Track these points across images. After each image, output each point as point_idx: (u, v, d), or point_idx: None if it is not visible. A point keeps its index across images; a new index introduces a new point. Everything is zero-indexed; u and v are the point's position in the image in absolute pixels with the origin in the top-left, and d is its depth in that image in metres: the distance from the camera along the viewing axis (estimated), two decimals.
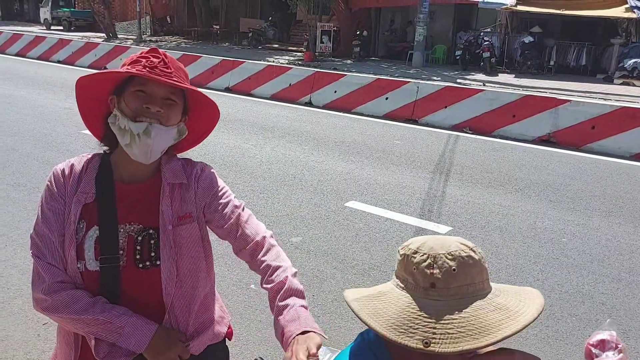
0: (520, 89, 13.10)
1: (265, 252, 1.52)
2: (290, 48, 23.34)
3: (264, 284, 1.48)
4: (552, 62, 17.74)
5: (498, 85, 13.72)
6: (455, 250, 1.01)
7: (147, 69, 1.38)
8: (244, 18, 26.69)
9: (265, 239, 1.55)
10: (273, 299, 1.43)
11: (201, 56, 13.96)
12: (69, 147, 7.12)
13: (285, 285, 1.43)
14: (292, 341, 1.27)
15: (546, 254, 4.51)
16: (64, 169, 1.48)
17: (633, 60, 15.92)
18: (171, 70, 1.41)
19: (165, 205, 1.47)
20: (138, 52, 1.45)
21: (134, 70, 1.37)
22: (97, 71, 1.44)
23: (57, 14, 32.20)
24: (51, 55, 17.33)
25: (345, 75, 11.52)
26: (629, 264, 4.38)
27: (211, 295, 1.64)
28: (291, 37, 25.72)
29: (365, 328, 1.09)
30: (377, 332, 1.00)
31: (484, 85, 13.58)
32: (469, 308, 0.97)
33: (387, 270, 4.06)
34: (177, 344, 1.45)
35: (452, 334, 0.95)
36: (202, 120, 1.58)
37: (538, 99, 9.36)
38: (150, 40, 25.75)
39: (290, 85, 11.73)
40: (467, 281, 0.99)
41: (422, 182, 6.30)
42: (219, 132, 8.20)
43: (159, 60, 1.41)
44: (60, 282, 1.39)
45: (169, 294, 1.46)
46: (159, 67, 1.39)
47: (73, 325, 1.41)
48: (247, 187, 5.81)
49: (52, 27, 31.22)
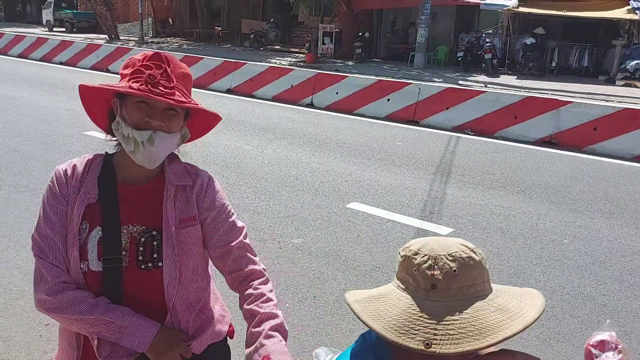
0: (522, 90, 13.10)
1: (263, 283, 1.53)
2: (292, 49, 23.35)
3: (253, 305, 1.46)
4: (553, 64, 17.72)
5: (500, 87, 13.71)
6: (456, 252, 1.01)
7: (149, 85, 1.37)
8: (245, 19, 26.72)
9: (265, 272, 1.57)
10: (262, 321, 1.43)
11: (203, 58, 13.99)
12: (71, 148, 7.14)
13: (279, 321, 1.44)
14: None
15: (548, 256, 4.51)
16: (66, 170, 1.48)
17: (635, 61, 15.90)
18: (173, 83, 1.40)
19: (169, 207, 1.48)
20: (141, 56, 1.43)
21: (135, 87, 1.37)
22: (100, 84, 1.44)
23: (60, 15, 32.32)
24: (53, 56, 17.37)
25: (347, 76, 11.53)
26: (630, 266, 4.37)
27: (212, 294, 1.65)
28: (293, 39, 25.73)
29: (366, 329, 1.10)
30: (378, 333, 1.01)
31: (485, 86, 13.57)
32: (469, 309, 0.97)
33: (389, 272, 4.06)
34: (179, 343, 1.46)
35: (453, 334, 0.95)
36: (203, 123, 1.60)
37: (540, 101, 9.35)
38: (152, 41, 25.79)
39: (292, 86, 11.74)
40: (468, 282, 1.00)
41: (424, 184, 6.30)
42: (221, 134, 8.21)
43: (162, 71, 1.39)
44: (62, 282, 1.40)
45: (171, 295, 1.47)
46: (161, 82, 1.38)
47: (76, 326, 1.41)
48: (248, 189, 5.82)
49: (55, 29, 31.32)
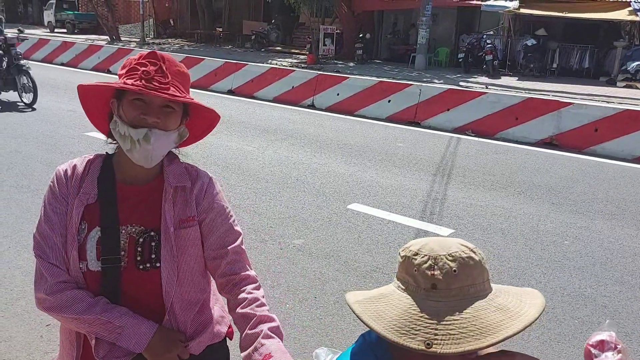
0: (523, 91, 13.09)
1: (256, 288, 1.51)
2: (293, 51, 23.36)
3: (248, 309, 1.44)
4: (554, 65, 17.72)
5: (501, 88, 13.71)
6: (456, 252, 1.01)
7: (143, 80, 1.37)
8: (246, 21, 26.73)
9: (257, 279, 1.55)
10: (259, 322, 1.41)
11: (204, 59, 14.00)
12: (73, 149, 7.15)
13: (276, 324, 1.42)
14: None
15: (548, 257, 4.51)
16: (66, 170, 1.49)
17: (636, 63, 15.88)
18: (168, 79, 1.39)
19: (168, 207, 1.48)
20: (137, 55, 1.44)
21: (129, 83, 1.37)
22: (96, 82, 1.44)
23: (61, 16, 32.35)
24: (55, 57, 17.39)
25: (348, 77, 11.53)
26: (631, 267, 4.37)
27: (212, 295, 1.65)
28: (294, 40, 25.74)
29: (366, 329, 1.10)
30: (379, 334, 1.01)
31: (486, 88, 13.57)
32: (470, 309, 0.98)
33: (389, 272, 4.06)
34: (177, 344, 1.46)
35: (454, 334, 0.95)
36: (202, 122, 1.59)
37: (540, 102, 9.35)
38: (153, 42, 25.81)
39: (293, 87, 11.75)
40: (468, 282, 1.00)
41: (425, 185, 6.30)
42: (222, 135, 8.22)
43: (157, 67, 1.39)
44: (62, 282, 1.41)
45: (169, 295, 1.47)
46: (155, 78, 1.38)
47: (75, 325, 1.43)
48: (249, 190, 5.82)
49: (56, 30, 31.34)
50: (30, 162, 6.50)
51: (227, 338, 1.68)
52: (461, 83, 14.92)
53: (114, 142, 1.51)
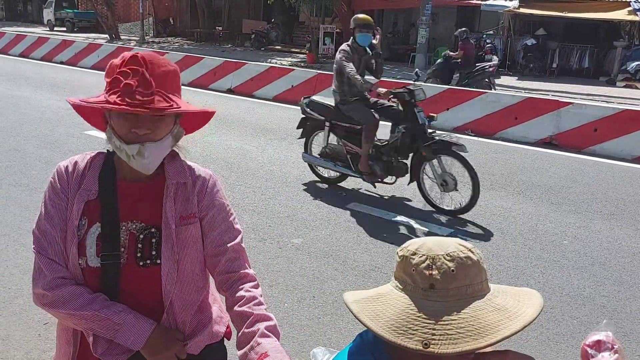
0: (523, 91, 13.10)
1: (254, 287, 1.51)
2: (292, 50, 23.35)
3: (245, 307, 1.44)
4: (554, 65, 17.73)
5: (500, 88, 13.70)
6: (454, 251, 1.01)
7: (126, 97, 1.32)
8: (246, 20, 26.71)
9: (256, 277, 1.55)
10: (256, 321, 1.41)
11: (203, 57, 13.98)
12: (72, 147, 7.14)
13: (273, 323, 1.42)
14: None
15: (547, 257, 4.51)
16: (67, 166, 1.49)
17: (636, 63, 15.90)
18: (151, 88, 1.35)
19: (169, 204, 1.48)
20: (120, 60, 1.38)
21: (112, 101, 1.33)
22: (81, 100, 1.41)
23: (61, 15, 32.34)
24: (54, 56, 17.37)
25: None
26: (630, 267, 4.37)
27: (210, 295, 1.64)
28: (294, 39, 25.74)
29: (364, 329, 1.10)
30: (376, 333, 1.00)
31: None
32: (468, 309, 0.97)
33: (388, 272, 4.06)
34: (175, 342, 1.45)
35: (452, 334, 0.94)
36: (197, 117, 1.57)
37: (540, 102, 9.34)
38: (153, 41, 25.80)
39: (292, 86, 11.73)
40: (466, 282, 1.00)
41: None
42: (221, 134, 8.21)
43: (138, 77, 1.34)
44: (60, 278, 1.40)
45: (168, 293, 1.46)
46: (138, 91, 1.33)
47: (72, 321, 1.42)
48: (248, 188, 5.82)
49: (56, 28, 31.33)
50: (29, 161, 6.50)
51: (224, 338, 1.67)
52: None
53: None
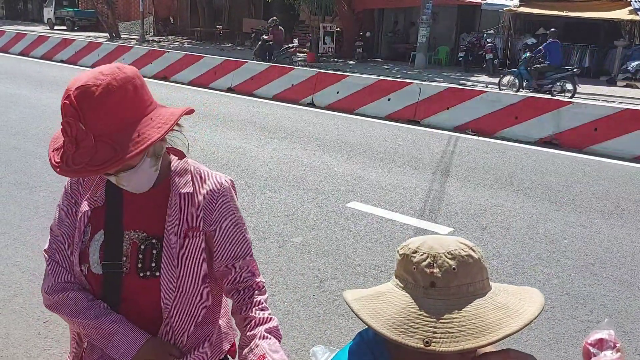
0: (523, 90, 13.07)
1: (261, 293, 1.51)
2: None
3: (249, 312, 1.45)
4: None
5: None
6: (455, 250, 1.01)
7: (69, 159, 1.21)
8: (246, 19, 26.70)
9: (264, 284, 1.55)
10: (258, 324, 1.42)
11: (204, 56, 13.97)
12: None
13: (274, 324, 1.43)
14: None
15: (547, 256, 4.50)
16: None
17: (636, 62, 15.90)
18: (90, 142, 1.18)
19: (171, 216, 1.42)
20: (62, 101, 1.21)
21: (55, 165, 1.23)
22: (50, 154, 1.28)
23: (61, 13, 32.30)
24: (54, 54, 17.35)
25: (348, 76, 11.51)
26: (630, 266, 4.37)
27: (216, 309, 1.59)
28: (294, 38, 25.71)
29: (364, 327, 1.09)
30: (377, 332, 1.00)
31: (486, 86, 13.57)
32: (469, 307, 0.97)
33: (388, 271, 4.06)
34: (167, 357, 1.42)
35: (453, 332, 0.94)
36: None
37: (540, 101, 9.33)
38: (153, 40, 25.78)
39: (292, 85, 11.73)
40: (467, 280, 0.99)
41: (424, 183, 6.30)
42: (221, 133, 8.22)
43: (75, 132, 1.18)
44: (64, 282, 1.41)
45: (167, 305, 1.43)
46: (77, 154, 1.20)
47: (71, 326, 1.45)
48: (248, 187, 5.81)
49: (56, 27, 31.30)
50: (28, 159, 6.49)
51: (228, 356, 1.63)
52: (461, 82, 14.92)
53: None
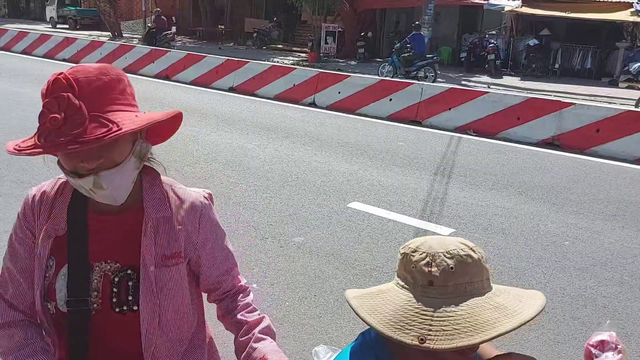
0: (525, 91, 13.08)
1: (246, 295, 1.48)
2: (294, 49, 23.36)
3: (239, 316, 1.43)
4: (557, 65, 17.72)
5: (503, 88, 13.71)
6: (454, 249, 1.02)
7: (53, 134, 1.11)
8: (248, 18, 26.71)
9: (247, 285, 1.51)
10: (250, 328, 1.40)
11: (206, 56, 13.98)
12: None
13: (266, 324, 1.42)
14: None
15: (549, 257, 4.50)
16: (34, 195, 1.34)
17: (638, 64, 15.85)
18: (83, 116, 1.11)
19: (147, 243, 1.28)
20: (46, 83, 1.16)
21: (40, 144, 1.14)
22: (14, 147, 1.23)
23: (63, 12, 32.36)
24: (57, 53, 17.37)
25: (349, 76, 11.51)
26: (631, 268, 4.36)
27: (201, 329, 1.48)
28: (296, 38, 25.73)
29: (366, 327, 1.10)
30: (373, 328, 1.01)
31: (488, 87, 13.57)
32: (465, 306, 0.98)
33: (389, 271, 4.06)
34: None
35: (448, 330, 0.95)
36: (164, 126, 1.33)
37: (542, 102, 9.33)
38: None
39: (294, 85, 11.73)
40: (465, 279, 1.00)
41: (425, 184, 6.30)
42: (223, 132, 8.22)
43: (65, 106, 1.11)
44: (7, 322, 1.29)
45: (150, 341, 1.30)
46: (66, 125, 1.10)
47: None
48: (249, 187, 5.82)
49: (58, 26, 31.35)
50: (31, 158, 6.49)
51: None
52: (463, 82, 14.92)
53: None
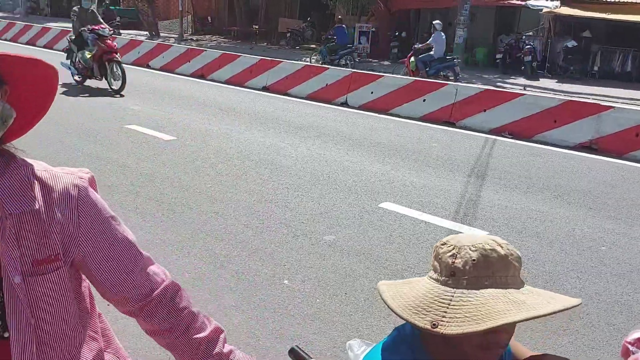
0: (562, 94, 12.83)
1: (178, 296, 1.23)
2: None
3: (174, 338, 1.22)
4: (595, 68, 17.31)
5: (539, 90, 13.47)
6: (480, 243, 1.06)
7: None
8: (282, 18, 26.88)
9: (174, 282, 1.24)
10: (207, 343, 1.24)
11: (240, 55, 14.14)
12: (113, 141, 7.33)
13: (208, 332, 1.23)
14: None
15: (584, 262, 4.42)
16: None
17: None
18: None
19: (9, 246, 1.00)
20: None
21: None
22: None
23: (103, 12, 33.14)
24: None
25: (382, 76, 11.48)
26: None
27: (96, 342, 1.21)
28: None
29: (401, 322, 1.12)
30: (392, 310, 1.07)
31: (524, 89, 13.34)
32: (481, 296, 1.01)
33: (421, 272, 4.04)
34: None
35: (459, 318, 0.99)
36: (32, 91, 1.07)
37: (580, 105, 9.13)
38: (191, 39, 26.20)
39: (326, 85, 11.76)
40: (487, 273, 1.03)
41: (458, 185, 6.24)
42: (255, 131, 8.31)
43: None
44: None
45: None
46: None
47: None
48: (281, 185, 5.87)
49: None
50: (72, 153, 6.70)
51: None
52: (498, 84, 14.71)
53: None
